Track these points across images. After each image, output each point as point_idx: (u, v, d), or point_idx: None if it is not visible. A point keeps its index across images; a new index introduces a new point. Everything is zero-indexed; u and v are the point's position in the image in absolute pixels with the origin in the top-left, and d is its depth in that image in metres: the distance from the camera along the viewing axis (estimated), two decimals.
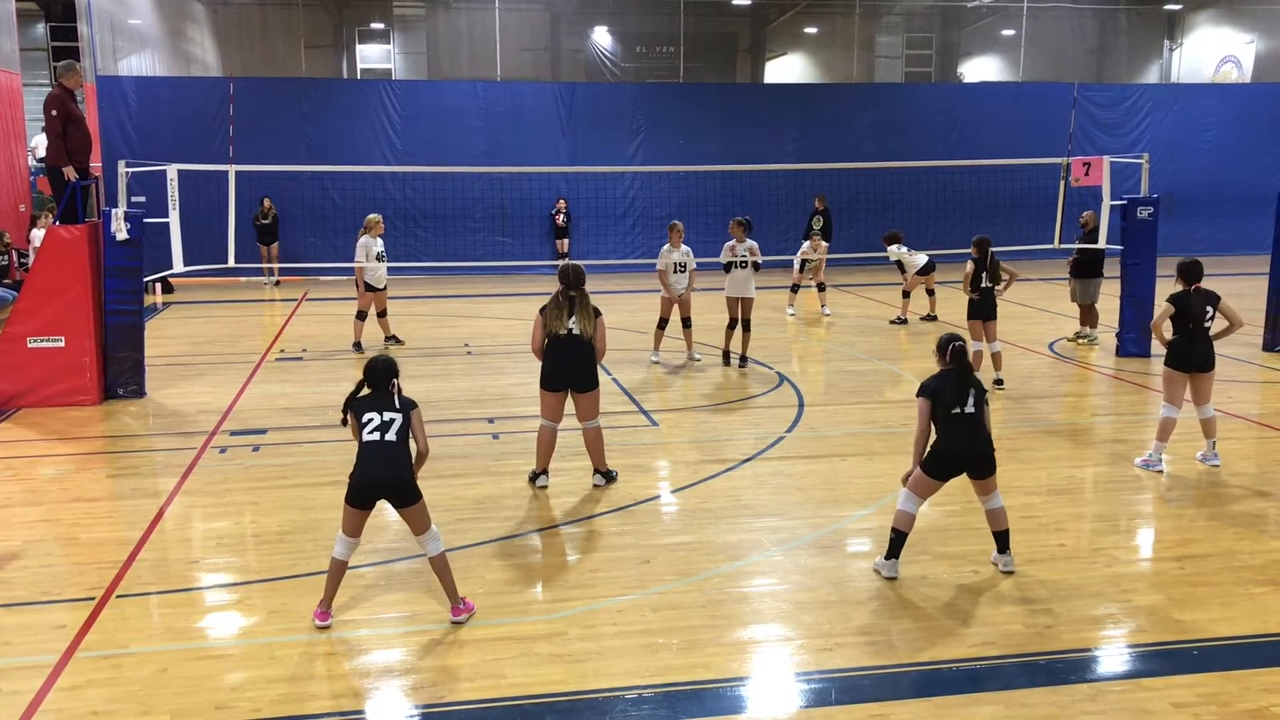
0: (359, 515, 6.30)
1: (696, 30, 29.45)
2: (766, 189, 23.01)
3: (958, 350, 7.03)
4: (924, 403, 6.96)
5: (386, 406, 6.28)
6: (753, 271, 13.65)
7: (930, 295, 17.41)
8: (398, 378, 6.43)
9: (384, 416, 6.25)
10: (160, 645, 6.14)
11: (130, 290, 12.31)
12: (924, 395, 6.98)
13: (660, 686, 5.64)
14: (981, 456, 6.95)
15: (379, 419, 6.24)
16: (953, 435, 6.90)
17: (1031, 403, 12.03)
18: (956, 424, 6.89)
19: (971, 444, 6.92)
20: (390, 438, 6.21)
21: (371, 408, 6.29)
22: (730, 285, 13.70)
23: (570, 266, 8.86)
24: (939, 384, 6.97)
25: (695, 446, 10.36)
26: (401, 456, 6.23)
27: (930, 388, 6.98)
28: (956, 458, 6.93)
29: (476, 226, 24.14)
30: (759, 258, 13.71)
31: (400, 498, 6.25)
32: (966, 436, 6.90)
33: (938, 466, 6.95)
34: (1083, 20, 31.83)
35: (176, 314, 19.36)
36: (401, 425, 6.25)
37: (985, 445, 6.96)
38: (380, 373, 6.39)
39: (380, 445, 6.20)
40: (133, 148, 22.11)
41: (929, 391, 6.97)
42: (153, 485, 9.18)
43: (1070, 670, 5.82)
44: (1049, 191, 15.62)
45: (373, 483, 6.21)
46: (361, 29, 31.33)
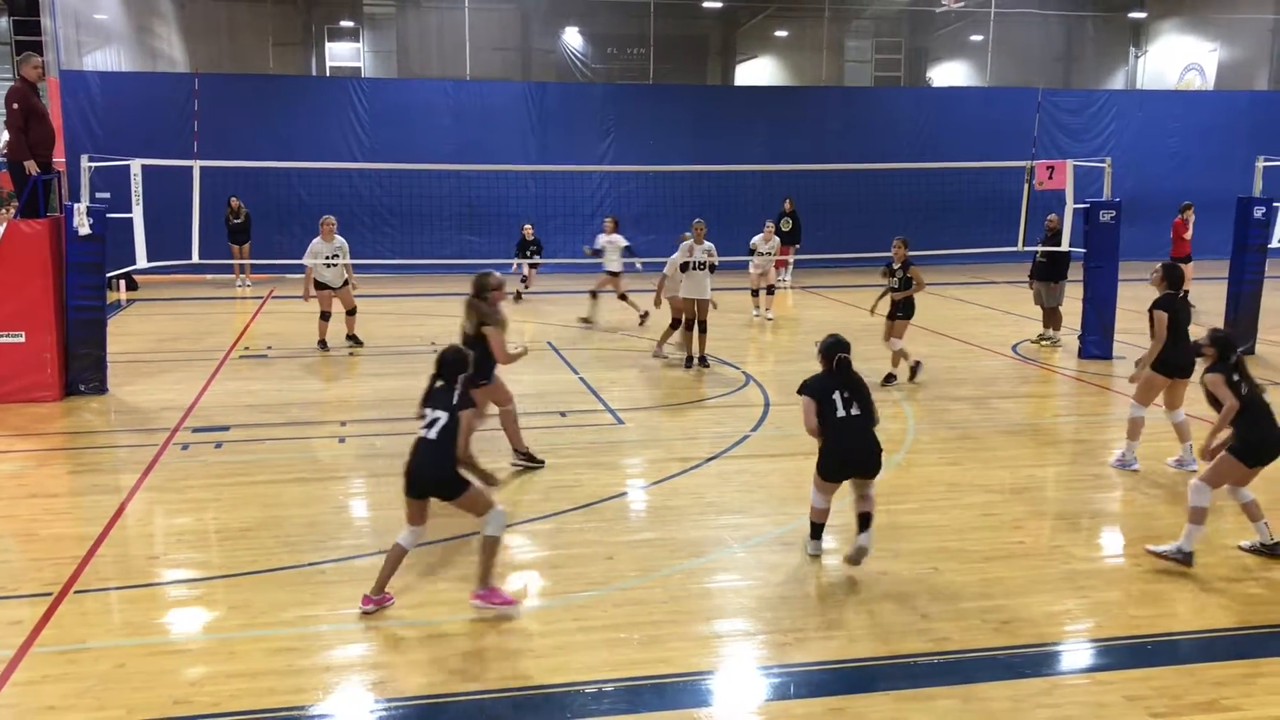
0: (415, 504, 6.35)
1: (667, 32, 29.52)
2: (736, 190, 23.07)
3: (842, 362, 7.05)
4: (808, 401, 7.03)
5: (441, 403, 6.33)
6: (709, 273, 13.62)
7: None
8: (466, 372, 6.49)
9: (434, 413, 6.31)
10: (118, 640, 6.09)
11: (93, 286, 12.20)
12: (805, 393, 7.07)
13: (622, 681, 5.66)
14: (870, 460, 7.00)
15: (429, 415, 6.33)
16: (840, 440, 6.97)
17: (994, 403, 12.14)
18: (842, 428, 6.94)
19: (857, 448, 6.98)
20: (432, 435, 6.25)
21: (431, 403, 6.38)
22: (686, 286, 13.66)
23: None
24: (820, 385, 7.04)
25: (660, 445, 10.39)
26: (442, 453, 6.24)
27: (811, 387, 7.07)
28: (845, 462, 7.01)
29: (444, 225, 24.05)
30: (716, 259, 13.70)
31: (442, 493, 6.30)
32: (853, 441, 6.96)
33: (829, 469, 7.05)
34: (1050, 26, 32.15)
35: (141, 311, 19.19)
36: (447, 424, 6.26)
37: (873, 448, 7.00)
38: (446, 365, 6.48)
39: (423, 441, 6.28)
40: (97, 143, 21.91)
41: (810, 390, 7.05)
42: (114, 481, 9.10)
43: (1027, 665, 5.88)
44: (1014, 195, 15.75)
45: (413, 477, 6.29)
46: (331, 26, 31.17)
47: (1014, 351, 15.15)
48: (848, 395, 6.96)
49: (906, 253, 12.93)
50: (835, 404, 6.93)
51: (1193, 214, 19.10)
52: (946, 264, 24.42)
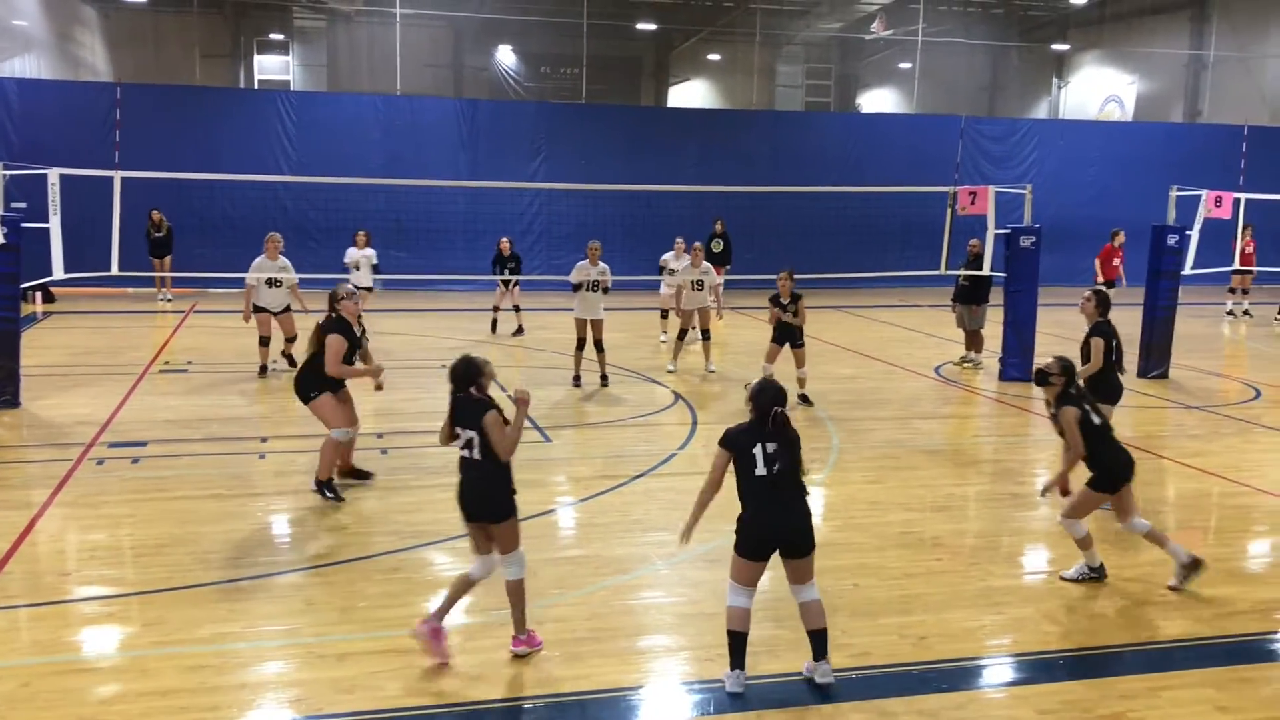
0: (475, 530, 6.17)
1: (600, 52, 29.68)
2: (667, 211, 23.17)
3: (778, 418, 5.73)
4: (721, 453, 5.81)
5: (469, 421, 6.05)
6: (602, 294, 13.85)
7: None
8: (482, 378, 6.17)
9: (467, 433, 6.06)
10: (25, 659, 5.93)
11: (6, 297, 11.89)
12: (724, 445, 5.81)
13: (546, 697, 5.64)
14: (798, 532, 5.74)
15: (463, 435, 6.08)
16: (759, 505, 5.72)
17: (915, 423, 12.33)
18: (760, 488, 5.71)
19: (779, 516, 5.72)
20: (476, 456, 6.03)
21: (460, 421, 6.10)
22: (580, 306, 13.79)
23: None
24: (742, 437, 5.79)
25: (587, 462, 10.39)
26: (488, 474, 6.05)
27: (732, 439, 5.81)
28: (766, 535, 5.73)
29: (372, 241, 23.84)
30: (609, 281, 13.93)
31: (492, 515, 6.09)
32: (775, 508, 5.71)
33: (747, 543, 5.75)
34: (975, 56, 32.90)
35: (57, 323, 18.74)
36: (483, 441, 6.01)
37: (800, 517, 5.76)
38: (457, 377, 6.16)
39: (468, 463, 6.08)
40: (13, 151, 21.36)
41: (730, 443, 5.80)
42: (24, 497, 8.86)
43: (943, 679, 5.97)
44: (938, 220, 16.05)
45: (463, 501, 6.11)
46: (260, 39, 30.86)
47: (936, 373, 15.40)
48: (772, 449, 5.69)
49: (792, 284, 12.98)
50: (754, 459, 5.70)
51: (1124, 238, 19.63)
52: (871, 287, 24.76)
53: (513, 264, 17.79)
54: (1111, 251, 19.79)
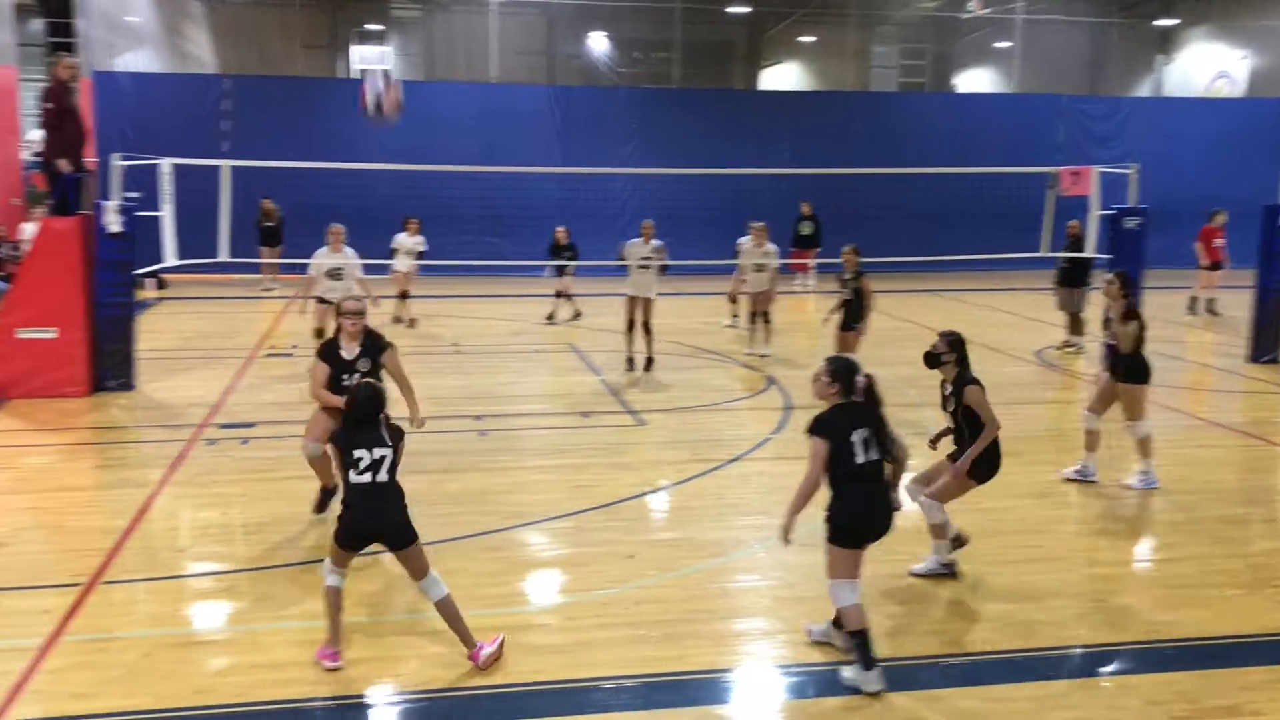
0: (349, 555, 5.85)
1: (693, 37, 29.59)
2: (759, 195, 23.04)
3: (869, 387, 5.70)
4: (818, 443, 5.61)
5: (376, 442, 5.71)
6: (656, 274, 13.48)
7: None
8: (384, 408, 5.88)
9: (374, 454, 5.68)
10: (144, 631, 6.18)
11: (122, 283, 12.34)
12: (820, 434, 5.62)
13: (642, 677, 5.70)
14: (889, 517, 5.75)
15: (369, 457, 5.67)
16: (859, 494, 5.63)
17: (1015, 409, 12.09)
18: (860, 476, 5.61)
19: (879, 504, 5.70)
20: (381, 478, 5.69)
21: (360, 443, 5.69)
22: (631, 285, 13.45)
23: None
24: (838, 422, 5.65)
25: (682, 446, 10.42)
26: (395, 496, 5.78)
27: (828, 424, 5.64)
28: (870, 522, 5.68)
29: (468, 228, 24.16)
30: (665, 259, 13.52)
31: (395, 541, 5.77)
32: (875, 494, 5.69)
33: (850, 533, 5.65)
34: (1076, 33, 32.05)
35: (169, 309, 19.38)
36: (392, 462, 5.74)
37: (889, 502, 5.78)
38: (364, 405, 5.79)
39: (372, 487, 5.67)
40: (128, 142, 22.06)
41: (826, 429, 5.62)
42: (140, 476, 9.21)
43: (1048, 667, 5.89)
44: (1038, 201, 15.69)
45: (365, 530, 5.76)
46: (358, 30, 31.41)
47: (1037, 358, 15.10)
48: (869, 434, 5.63)
49: (858, 260, 12.71)
50: (853, 446, 5.59)
51: (1225, 219, 18.99)
52: (968, 270, 24.33)
53: (569, 253, 17.89)
54: (1211, 232, 19.15)
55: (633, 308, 13.44)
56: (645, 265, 13.39)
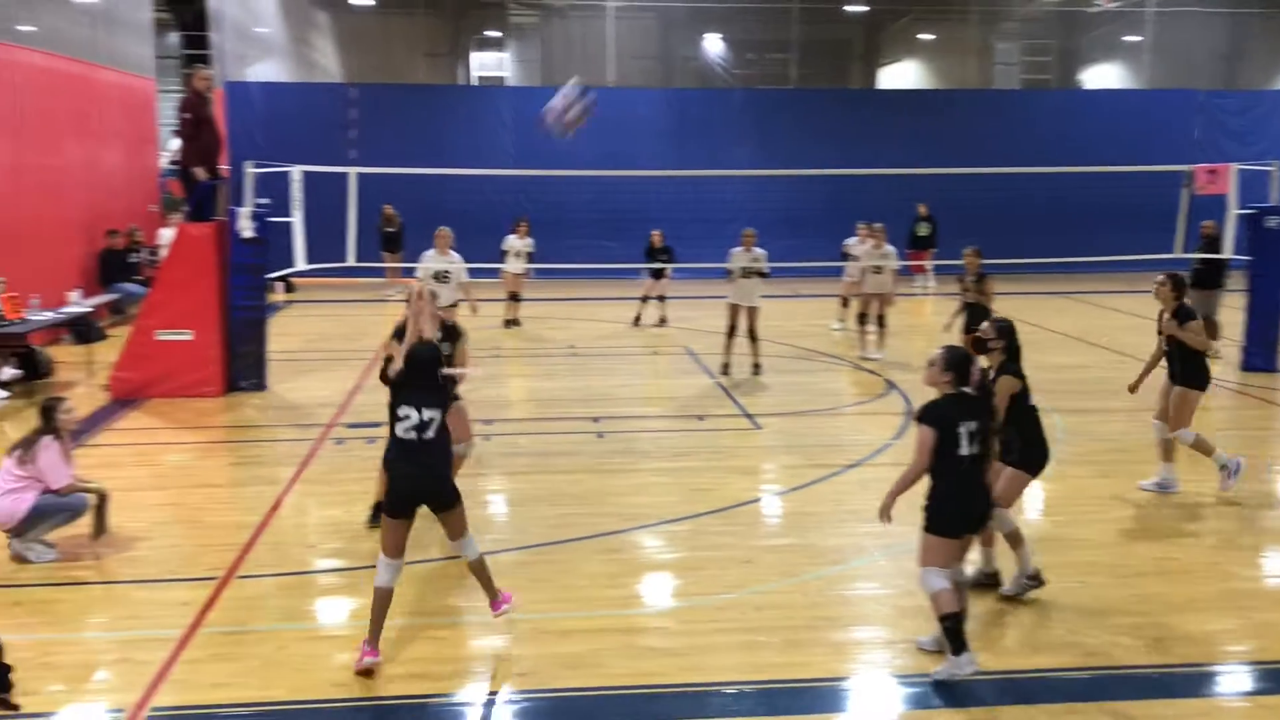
0: (399, 531, 5.82)
1: (809, 37, 29.32)
2: (875, 195, 22.73)
3: (980, 378, 5.82)
4: (928, 432, 5.65)
5: (427, 402, 5.79)
6: (759, 280, 13.47)
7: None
8: (440, 367, 5.95)
9: (423, 414, 5.75)
10: (278, 624, 6.39)
11: (255, 287, 12.75)
12: (928, 422, 5.67)
13: (760, 683, 5.67)
14: (983, 515, 5.85)
15: (416, 416, 5.75)
16: (961, 484, 5.66)
17: (1147, 416, 11.66)
18: (962, 469, 5.64)
19: (980, 496, 5.76)
20: (428, 436, 5.76)
21: (411, 401, 5.79)
22: (734, 293, 13.50)
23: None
24: (946, 413, 5.68)
25: (799, 451, 10.34)
26: (439, 455, 5.85)
27: (936, 414, 5.69)
28: (970, 513, 5.75)
29: (585, 231, 24.37)
30: (765, 266, 13.46)
31: (439, 501, 5.85)
32: (975, 487, 5.71)
33: (951, 522, 5.70)
34: (1212, 24, 30.79)
35: (297, 312, 20.00)
36: (441, 423, 5.82)
37: (989, 499, 5.86)
38: (422, 363, 5.86)
39: (417, 444, 5.75)
40: (258, 150, 22.81)
41: (934, 419, 5.67)
42: (272, 474, 9.52)
43: (1182, 684, 5.68)
44: (1170, 200, 15.12)
45: (408, 489, 5.79)
46: (478, 37, 31.96)
47: None
48: (976, 427, 5.65)
49: (980, 263, 12.39)
50: (960, 438, 5.61)
51: None
52: (1098, 272, 23.59)
53: (664, 256, 17.86)
54: None
55: (735, 315, 13.52)
56: (747, 274, 13.41)
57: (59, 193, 16.73)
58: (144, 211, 20.78)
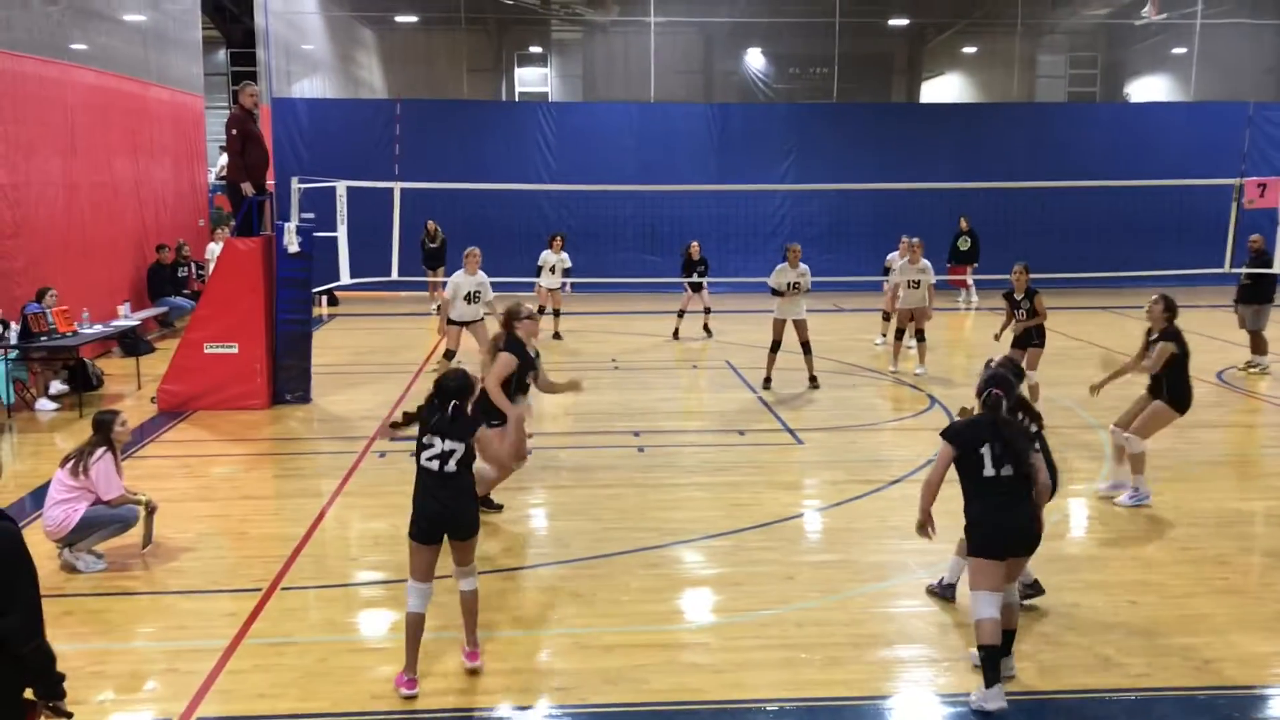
0: (424, 555, 5.84)
1: (851, 51, 29.23)
2: (920, 209, 22.63)
3: (990, 398, 5.71)
4: (946, 447, 5.74)
5: (451, 433, 5.77)
6: (802, 295, 13.59)
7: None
8: (468, 399, 5.90)
9: (445, 445, 5.76)
10: (320, 636, 6.44)
11: (300, 301, 12.91)
12: (946, 437, 5.76)
13: (801, 700, 5.64)
14: (1029, 533, 5.67)
15: (439, 446, 5.77)
16: (989, 508, 5.62)
17: (1195, 433, 11.52)
18: (990, 489, 5.61)
19: (1011, 519, 5.60)
20: (449, 469, 5.77)
21: (436, 430, 5.80)
22: (780, 308, 13.64)
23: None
24: (967, 432, 5.72)
25: (841, 466, 10.29)
26: (461, 489, 5.84)
27: (957, 431, 5.78)
28: (1002, 536, 5.61)
29: (626, 245, 24.45)
30: (808, 283, 13.59)
31: (456, 531, 5.86)
32: (1006, 510, 5.59)
33: (985, 544, 5.62)
34: (1262, 36, 30.37)
35: (341, 325, 20.19)
36: (463, 456, 5.79)
37: (1029, 519, 5.66)
38: (451, 392, 5.86)
39: (438, 476, 5.78)
40: (304, 165, 23.14)
41: (953, 435, 5.75)
42: (316, 486, 9.61)
43: (1233, 708, 5.58)
44: (1217, 214, 14.96)
45: (431, 516, 5.80)
46: (520, 53, 32.16)
47: (1218, 379, 14.36)
48: (1000, 450, 5.58)
49: (1028, 279, 12.30)
50: (983, 459, 5.59)
51: None
52: (1144, 286, 23.32)
53: (702, 267, 17.88)
54: None
55: (780, 329, 13.63)
56: (795, 289, 13.48)
57: (110, 208, 17.03)
58: (193, 226, 21.10)
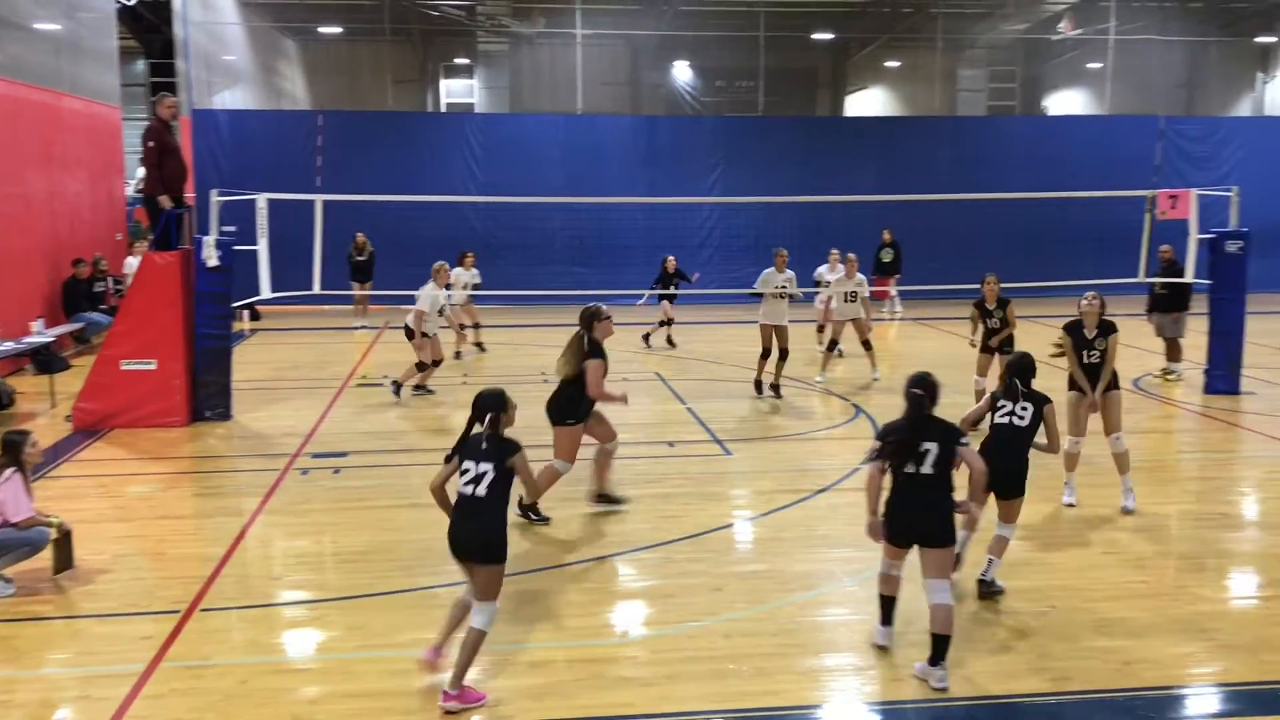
0: (465, 568, 5.80)
1: (776, 65, 29.54)
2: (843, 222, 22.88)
3: (913, 398, 6.03)
4: (877, 446, 6.11)
5: (482, 456, 5.71)
6: (787, 301, 13.90)
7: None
8: (501, 412, 5.87)
9: (478, 468, 5.69)
10: (241, 658, 6.29)
11: (220, 316, 12.67)
12: (878, 438, 6.18)
13: (730, 712, 5.64)
14: (930, 528, 5.95)
15: (473, 470, 5.71)
16: (901, 498, 6.01)
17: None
18: (905, 486, 5.97)
19: (918, 513, 5.98)
20: (480, 492, 5.67)
21: (469, 454, 5.76)
22: (766, 313, 13.83)
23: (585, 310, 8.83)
24: (892, 432, 6.09)
25: (769, 476, 10.34)
26: (489, 514, 5.69)
27: (883, 433, 6.16)
28: (904, 526, 6.01)
29: (555, 258, 24.40)
30: (793, 288, 13.96)
31: (479, 556, 5.69)
32: (915, 503, 5.97)
33: (889, 530, 6.06)
34: (1172, 52, 31.27)
35: (263, 340, 19.86)
36: (494, 479, 5.68)
37: (937, 516, 5.96)
38: (482, 407, 5.88)
39: (469, 501, 5.69)
40: (224, 178, 22.71)
41: (881, 434, 6.16)
42: (237, 505, 9.42)
43: (1150, 709, 5.68)
44: (1132, 225, 15.32)
45: (456, 538, 5.72)
46: (446, 64, 32.00)
47: (1135, 386, 14.70)
48: (920, 449, 5.91)
49: (1000, 289, 12.50)
50: (905, 457, 5.95)
51: None
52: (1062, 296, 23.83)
53: (678, 280, 18.26)
54: None
55: (768, 336, 13.81)
56: (782, 295, 13.78)
57: (22, 221, 16.58)
58: (110, 240, 20.63)
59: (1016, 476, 7.10)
